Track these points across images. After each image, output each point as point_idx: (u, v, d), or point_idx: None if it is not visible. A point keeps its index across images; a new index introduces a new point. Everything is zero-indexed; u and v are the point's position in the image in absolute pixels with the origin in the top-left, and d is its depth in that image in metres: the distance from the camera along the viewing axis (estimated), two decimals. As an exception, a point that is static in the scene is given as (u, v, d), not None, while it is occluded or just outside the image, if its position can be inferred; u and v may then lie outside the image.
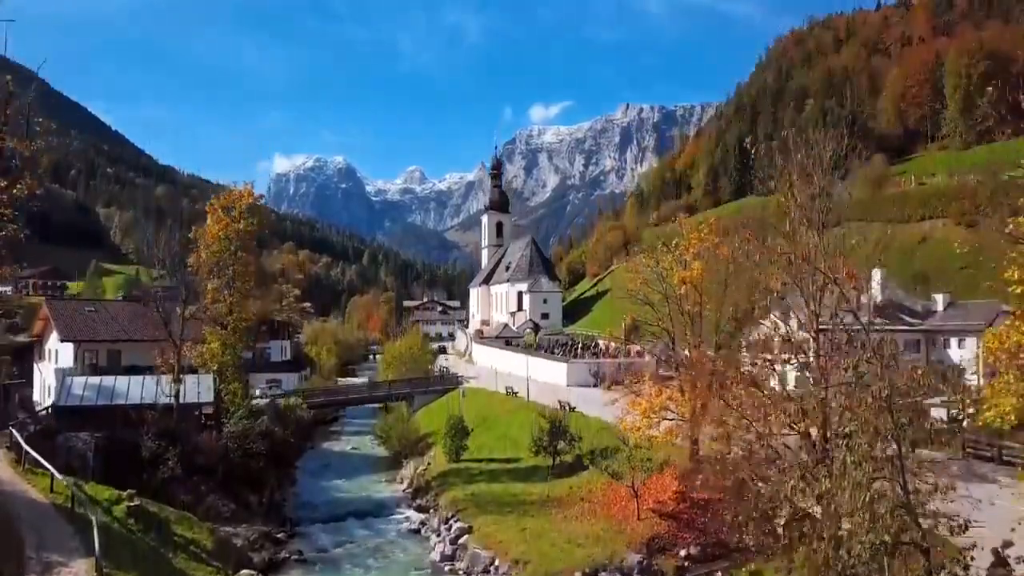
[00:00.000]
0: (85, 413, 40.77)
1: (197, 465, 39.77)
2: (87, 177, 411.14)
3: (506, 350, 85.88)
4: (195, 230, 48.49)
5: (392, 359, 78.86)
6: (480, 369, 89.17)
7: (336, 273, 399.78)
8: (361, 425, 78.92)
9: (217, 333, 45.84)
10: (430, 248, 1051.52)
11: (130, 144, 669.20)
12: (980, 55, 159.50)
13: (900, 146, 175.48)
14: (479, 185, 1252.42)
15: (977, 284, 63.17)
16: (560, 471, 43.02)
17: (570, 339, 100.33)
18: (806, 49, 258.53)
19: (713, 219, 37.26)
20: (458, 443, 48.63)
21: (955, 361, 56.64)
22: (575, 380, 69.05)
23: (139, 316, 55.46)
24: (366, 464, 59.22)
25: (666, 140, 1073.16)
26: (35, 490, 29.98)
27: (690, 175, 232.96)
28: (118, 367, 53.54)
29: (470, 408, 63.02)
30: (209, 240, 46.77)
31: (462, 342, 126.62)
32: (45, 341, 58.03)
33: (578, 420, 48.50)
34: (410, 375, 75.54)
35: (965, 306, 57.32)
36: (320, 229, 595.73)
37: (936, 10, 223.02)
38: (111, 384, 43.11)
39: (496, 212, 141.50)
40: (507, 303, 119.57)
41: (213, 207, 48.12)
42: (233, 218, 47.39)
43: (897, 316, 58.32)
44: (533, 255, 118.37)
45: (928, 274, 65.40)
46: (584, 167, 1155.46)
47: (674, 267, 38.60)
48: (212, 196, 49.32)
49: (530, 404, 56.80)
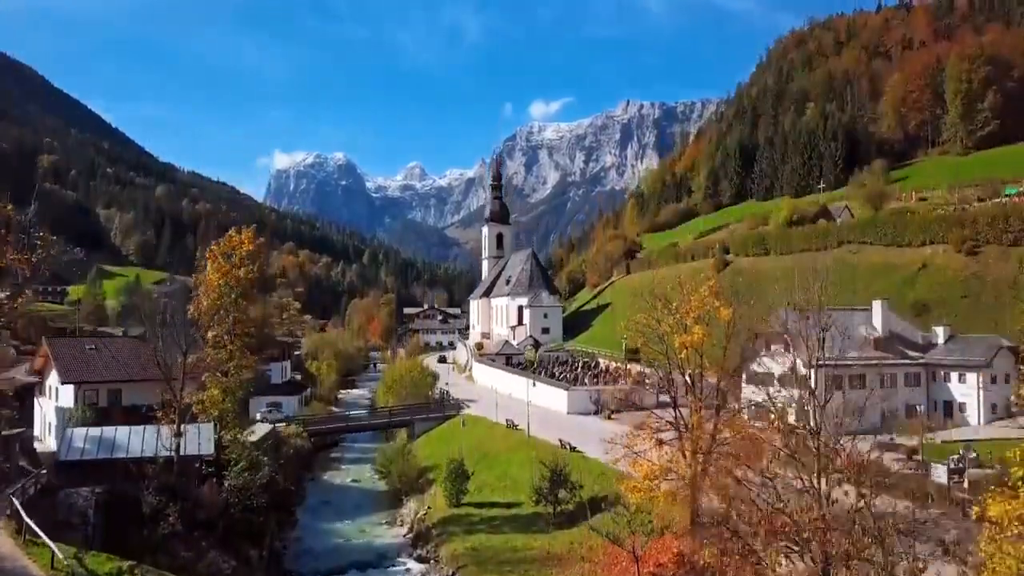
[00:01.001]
0: (86, 467, 40.78)
1: (198, 520, 39.77)
2: (87, 177, 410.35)
3: (506, 371, 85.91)
4: (195, 278, 48.32)
5: (392, 382, 78.85)
6: (480, 390, 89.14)
7: (336, 274, 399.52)
8: (362, 449, 79.02)
9: (218, 380, 45.77)
10: (430, 245, 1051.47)
11: (130, 141, 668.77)
12: (981, 60, 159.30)
13: (900, 151, 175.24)
14: (479, 182, 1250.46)
15: (978, 313, 63.23)
16: (561, 520, 43.05)
17: (570, 356, 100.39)
18: (807, 51, 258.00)
19: (713, 280, 36.91)
20: (459, 486, 48.65)
21: (955, 396, 56.65)
22: (576, 408, 69.07)
23: (140, 354, 55.30)
24: (367, 500, 59.28)
25: (667, 137, 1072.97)
26: (36, 565, 29.91)
27: (690, 178, 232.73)
28: (118, 406, 53.62)
29: (470, 438, 63.08)
30: (209, 287, 46.68)
31: (463, 354, 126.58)
32: (46, 377, 57.99)
33: (579, 463, 48.49)
34: (410, 400, 75.50)
35: (966, 340, 57.25)
36: (320, 227, 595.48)
37: (937, 13, 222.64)
38: (111, 436, 43.09)
39: (496, 224, 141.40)
40: (507, 317, 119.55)
41: (213, 253, 47.96)
42: (233, 264, 47.23)
43: (898, 349, 58.28)
44: (533, 269, 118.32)
45: (928, 303, 65.27)
46: (584, 164, 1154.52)
47: (675, 329, 38.47)
48: (213, 244, 48.89)
49: (531, 441, 56.82)
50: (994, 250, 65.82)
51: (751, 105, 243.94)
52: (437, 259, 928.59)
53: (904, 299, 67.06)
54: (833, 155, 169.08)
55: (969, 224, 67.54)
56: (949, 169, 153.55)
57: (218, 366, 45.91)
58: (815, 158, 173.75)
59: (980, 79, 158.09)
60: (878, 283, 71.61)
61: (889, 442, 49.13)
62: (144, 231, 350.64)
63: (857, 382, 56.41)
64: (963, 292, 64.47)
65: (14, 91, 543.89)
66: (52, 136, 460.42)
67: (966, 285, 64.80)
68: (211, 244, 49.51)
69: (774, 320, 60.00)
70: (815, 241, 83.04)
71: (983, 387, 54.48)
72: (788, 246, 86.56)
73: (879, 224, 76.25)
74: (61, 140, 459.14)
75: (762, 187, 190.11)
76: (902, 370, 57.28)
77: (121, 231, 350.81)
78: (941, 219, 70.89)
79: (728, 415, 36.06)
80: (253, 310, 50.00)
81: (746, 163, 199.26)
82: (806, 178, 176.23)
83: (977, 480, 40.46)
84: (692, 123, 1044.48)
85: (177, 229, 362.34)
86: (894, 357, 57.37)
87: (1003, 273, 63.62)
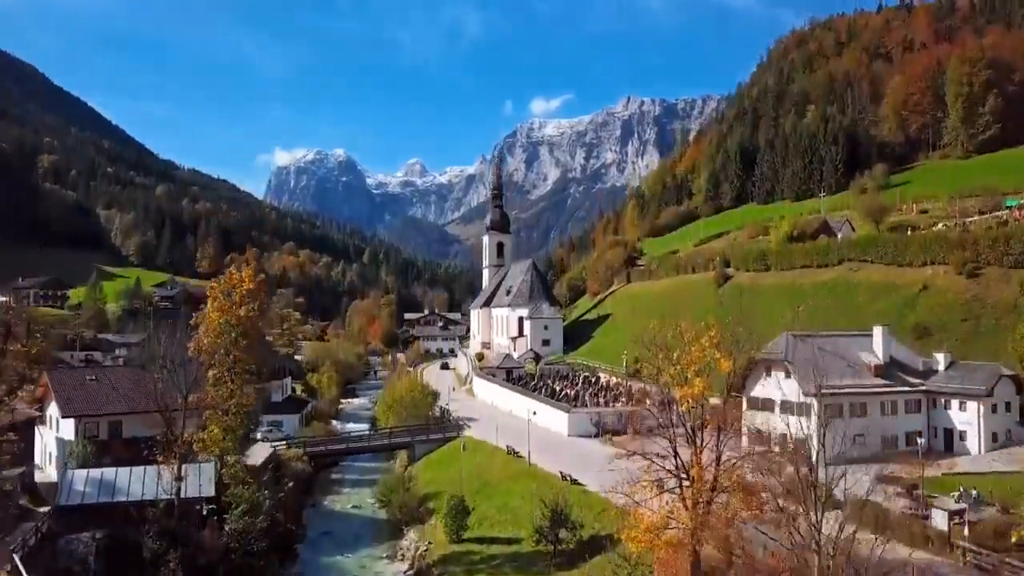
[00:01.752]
0: (86, 511, 40.84)
1: (198, 565, 39.83)
2: (87, 177, 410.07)
3: (507, 389, 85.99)
4: (195, 317, 48.27)
5: (392, 401, 78.86)
6: (481, 406, 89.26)
7: (336, 274, 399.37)
8: (362, 469, 79.11)
9: (219, 419, 45.79)
10: (431, 242, 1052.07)
11: (130, 139, 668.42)
12: (982, 64, 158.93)
13: (901, 154, 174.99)
14: (479, 179, 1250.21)
15: (978, 337, 63.16)
16: (561, 561, 43.06)
17: (571, 370, 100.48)
18: (807, 51, 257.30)
19: (715, 332, 36.82)
20: (459, 522, 48.66)
21: (955, 424, 56.62)
22: (576, 431, 69.14)
23: (140, 384, 55.30)
24: (367, 530, 59.33)
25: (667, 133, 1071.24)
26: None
27: (691, 180, 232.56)
28: (119, 438, 53.67)
29: (471, 464, 63.11)
30: (210, 325, 46.59)
31: (463, 364, 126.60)
32: (46, 406, 58.05)
33: (579, 497, 48.52)
34: (411, 420, 75.55)
35: (966, 367, 57.16)
36: (320, 226, 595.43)
37: (938, 14, 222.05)
38: (112, 478, 43.13)
39: (496, 232, 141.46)
40: (508, 327, 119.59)
41: (214, 291, 47.87)
42: (234, 302, 47.15)
43: (898, 376, 58.22)
44: (534, 280, 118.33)
45: (929, 325, 65.17)
46: (585, 160, 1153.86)
47: (676, 380, 38.36)
48: (213, 282, 48.78)
49: (531, 470, 56.84)
50: (995, 272, 65.69)
51: (752, 106, 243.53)
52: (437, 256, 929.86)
53: (905, 321, 66.97)
54: (834, 159, 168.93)
55: (970, 246, 67.38)
56: (950, 173, 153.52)
57: (219, 404, 45.90)
58: (816, 162, 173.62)
59: (981, 82, 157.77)
60: (879, 303, 71.57)
61: (889, 475, 49.05)
62: (144, 231, 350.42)
63: (858, 410, 56.44)
64: (964, 315, 64.37)
65: (14, 90, 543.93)
66: (52, 135, 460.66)
67: (967, 308, 64.70)
68: (211, 282, 49.40)
69: (774, 346, 60.11)
70: (816, 258, 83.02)
71: (983, 416, 54.42)
72: (789, 262, 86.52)
73: (880, 243, 76.15)
74: (61, 139, 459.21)
75: (763, 190, 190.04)
76: (903, 397, 57.23)
77: (121, 231, 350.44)
78: (942, 239, 70.72)
79: (729, 464, 35.93)
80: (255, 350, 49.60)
81: (747, 166, 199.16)
82: (807, 182, 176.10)
83: (979, 522, 40.39)
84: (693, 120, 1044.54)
85: (177, 229, 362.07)
86: (895, 384, 57.32)
87: (1004, 296, 63.51)
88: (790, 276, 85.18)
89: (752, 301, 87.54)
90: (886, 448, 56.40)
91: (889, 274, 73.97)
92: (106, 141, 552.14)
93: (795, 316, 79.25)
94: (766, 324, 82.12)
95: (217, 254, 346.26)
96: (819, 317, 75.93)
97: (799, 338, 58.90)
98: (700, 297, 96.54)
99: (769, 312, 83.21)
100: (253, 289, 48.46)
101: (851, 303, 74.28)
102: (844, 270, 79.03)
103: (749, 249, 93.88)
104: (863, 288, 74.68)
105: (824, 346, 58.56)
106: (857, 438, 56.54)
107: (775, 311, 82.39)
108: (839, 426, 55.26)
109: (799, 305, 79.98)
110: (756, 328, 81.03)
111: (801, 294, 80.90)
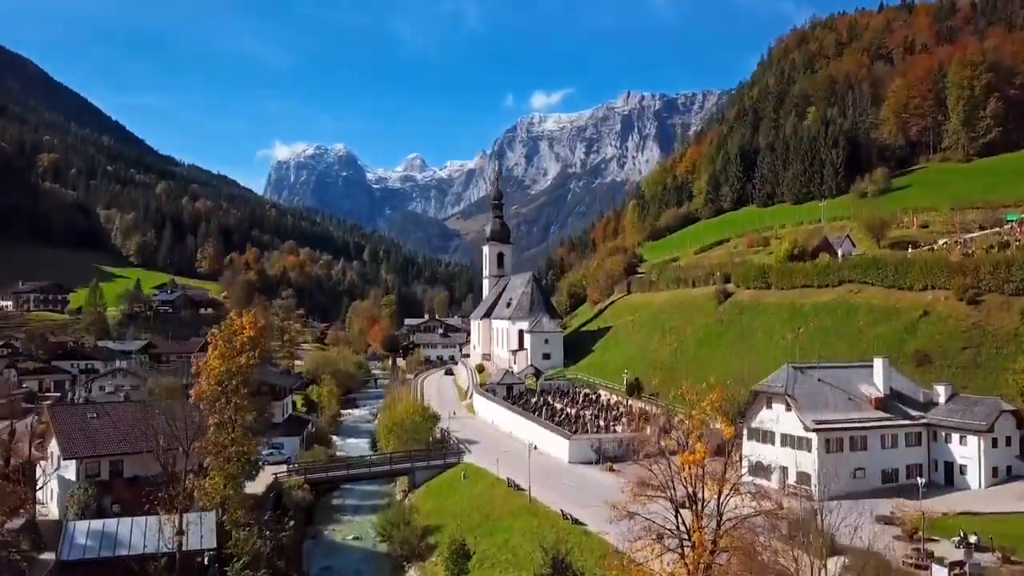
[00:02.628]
0: (88, 567, 40.93)
1: (200, 619, 39.96)
2: (87, 176, 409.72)
3: (508, 409, 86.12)
4: (196, 364, 48.17)
5: (393, 425, 78.90)
6: (481, 425, 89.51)
7: (337, 272, 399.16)
8: (363, 493, 79.31)
9: (220, 467, 45.78)
10: (431, 236, 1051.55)
11: (130, 135, 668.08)
12: (983, 67, 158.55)
13: (902, 157, 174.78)
14: (479, 173, 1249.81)
15: (979, 366, 63.13)
16: (562, 610, 43.13)
17: (571, 386, 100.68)
18: (808, 51, 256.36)
19: (716, 394, 36.82)
20: (460, 566, 48.76)
21: (956, 458, 56.65)
22: (577, 458, 69.28)
23: (141, 422, 55.43)
24: (368, 565, 59.43)
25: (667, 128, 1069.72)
26: None
27: (691, 182, 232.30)
28: (120, 477, 53.80)
29: (471, 495, 63.33)
30: (211, 373, 46.50)
31: (464, 376, 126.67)
32: (47, 442, 58.15)
33: (580, 539, 48.64)
34: (411, 444, 75.62)
35: (967, 400, 57.12)
36: (320, 223, 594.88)
37: (939, 14, 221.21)
38: (113, 530, 43.20)
39: (497, 243, 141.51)
40: (508, 340, 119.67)
41: (215, 338, 47.74)
42: (235, 349, 47.05)
43: (899, 408, 58.19)
44: (534, 293, 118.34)
45: (930, 353, 65.10)
46: (585, 155, 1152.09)
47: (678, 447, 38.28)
48: (216, 326, 48.72)
49: (532, 506, 56.89)
50: (996, 299, 65.62)
51: (752, 107, 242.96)
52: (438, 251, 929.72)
53: (905, 347, 66.94)
54: (834, 162, 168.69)
55: (971, 272, 67.28)
56: (951, 178, 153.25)
57: (220, 451, 45.93)
58: (816, 165, 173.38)
59: (982, 86, 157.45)
60: (880, 327, 71.51)
61: (889, 515, 49.13)
62: (145, 232, 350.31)
63: (859, 443, 56.47)
64: (964, 343, 64.32)
65: (13, 87, 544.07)
66: (52, 132, 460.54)
67: (967, 336, 64.65)
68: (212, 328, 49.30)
69: (775, 378, 60.11)
70: (816, 278, 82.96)
71: (984, 451, 54.45)
72: (789, 281, 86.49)
73: (880, 265, 76.03)
74: (61, 137, 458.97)
75: (763, 193, 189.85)
76: (903, 430, 57.21)
77: (121, 232, 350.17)
78: (943, 263, 70.64)
79: (730, 524, 35.88)
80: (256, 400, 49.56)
81: (747, 168, 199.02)
82: (807, 185, 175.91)
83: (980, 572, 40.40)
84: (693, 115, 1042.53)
85: (178, 228, 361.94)
86: (895, 417, 57.31)
87: (1005, 324, 63.46)
88: (790, 295, 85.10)
89: (752, 319, 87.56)
90: (886, 482, 56.50)
91: (890, 297, 73.88)
92: (106, 137, 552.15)
93: (796, 338, 79.39)
94: (766, 344, 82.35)
95: (217, 254, 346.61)
96: (819, 340, 75.99)
97: (800, 370, 58.91)
98: (700, 313, 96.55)
99: (770, 332, 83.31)
100: (254, 336, 48.39)
101: (851, 326, 74.18)
102: (844, 291, 78.94)
103: (749, 266, 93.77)
104: (863, 311, 74.59)
105: (825, 378, 58.65)
106: (857, 472, 56.80)
107: (775, 332, 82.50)
108: (840, 460, 55.70)
109: (799, 327, 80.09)
110: (757, 347, 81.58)
111: (802, 315, 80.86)
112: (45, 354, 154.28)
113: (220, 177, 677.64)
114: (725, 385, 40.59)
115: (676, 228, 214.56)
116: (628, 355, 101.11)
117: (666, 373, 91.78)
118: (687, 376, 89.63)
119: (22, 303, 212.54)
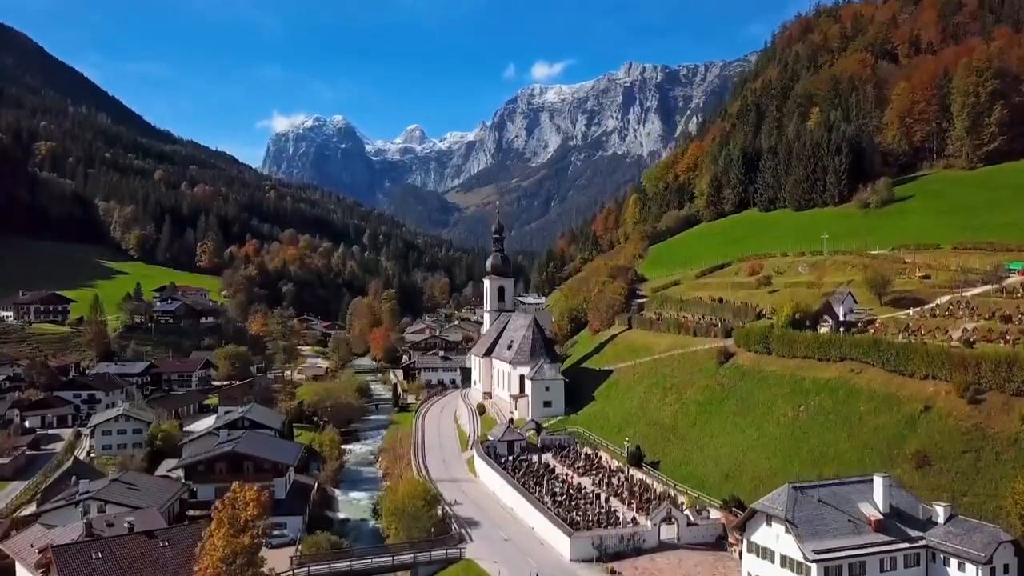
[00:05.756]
0: None
1: None
2: (85, 164, 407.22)
3: (509, 484, 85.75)
4: (199, 546, 47.17)
5: (395, 508, 78.99)
6: (483, 496, 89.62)
7: (337, 263, 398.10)
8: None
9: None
10: (431, 210, 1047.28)
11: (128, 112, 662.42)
12: (989, 74, 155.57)
13: (906, 163, 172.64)
14: (479, 145, 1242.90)
15: (978, 472, 62.55)
16: None
17: (572, 442, 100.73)
18: (812, 43, 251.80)
19: None
20: None
21: (955, 582, 56.42)
22: (577, 555, 69.08)
23: (148, 556, 55.42)
24: None
25: (669, 100, 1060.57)
26: None
27: (693, 183, 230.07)
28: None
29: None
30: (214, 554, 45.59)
31: (465, 417, 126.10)
32: (48, 571, 58.08)
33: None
34: (414, 532, 75.67)
35: (966, 524, 56.59)
36: (320, 203, 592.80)
37: (944, 10, 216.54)
38: None
39: (497, 277, 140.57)
40: (509, 383, 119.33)
41: (219, 514, 46.58)
42: (238, 528, 45.94)
43: (899, 529, 57.79)
44: (535, 337, 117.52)
45: (929, 454, 64.54)
46: (586, 127, 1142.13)
47: None
48: (218, 501, 47.59)
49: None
50: (997, 399, 64.80)
51: (755, 103, 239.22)
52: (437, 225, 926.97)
53: (906, 446, 66.32)
54: (837, 170, 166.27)
55: (972, 367, 66.41)
56: (953, 188, 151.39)
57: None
58: (819, 172, 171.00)
59: (988, 93, 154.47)
60: (880, 417, 70.90)
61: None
62: (144, 225, 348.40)
63: (857, 569, 56.27)
64: (964, 446, 63.65)
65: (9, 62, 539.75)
66: (49, 116, 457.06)
67: (967, 439, 63.96)
68: (216, 503, 48.23)
69: (775, 499, 59.78)
70: (818, 351, 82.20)
71: (983, 581, 54.17)
72: (790, 349, 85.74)
73: (882, 348, 75.15)
74: (59, 121, 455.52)
75: (765, 198, 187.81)
76: (902, 553, 56.90)
77: (121, 225, 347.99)
78: (944, 355, 69.80)
79: None
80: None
81: (749, 171, 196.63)
82: (809, 192, 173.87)
83: None
84: (695, 87, 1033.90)
85: (177, 222, 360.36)
86: (895, 540, 56.89)
87: (1006, 428, 62.73)
88: (791, 366, 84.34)
89: (753, 388, 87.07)
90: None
91: (891, 383, 73.15)
92: (103, 115, 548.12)
93: (796, 416, 79.32)
94: (766, 419, 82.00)
95: (217, 249, 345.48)
96: (820, 422, 75.65)
97: (800, 491, 58.45)
98: (702, 373, 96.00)
99: (771, 406, 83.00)
100: (258, 512, 47.54)
101: (852, 411, 73.57)
102: (845, 370, 78.22)
103: (750, 331, 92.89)
104: (864, 396, 73.93)
105: (825, 498, 58.15)
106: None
107: (776, 407, 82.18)
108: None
109: (800, 404, 79.90)
110: (757, 422, 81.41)
111: (803, 390, 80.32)
112: (47, 379, 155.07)
113: (219, 154, 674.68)
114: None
115: (677, 230, 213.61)
116: (629, 410, 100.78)
117: (667, 437, 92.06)
118: (688, 444, 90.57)
119: (22, 314, 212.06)
